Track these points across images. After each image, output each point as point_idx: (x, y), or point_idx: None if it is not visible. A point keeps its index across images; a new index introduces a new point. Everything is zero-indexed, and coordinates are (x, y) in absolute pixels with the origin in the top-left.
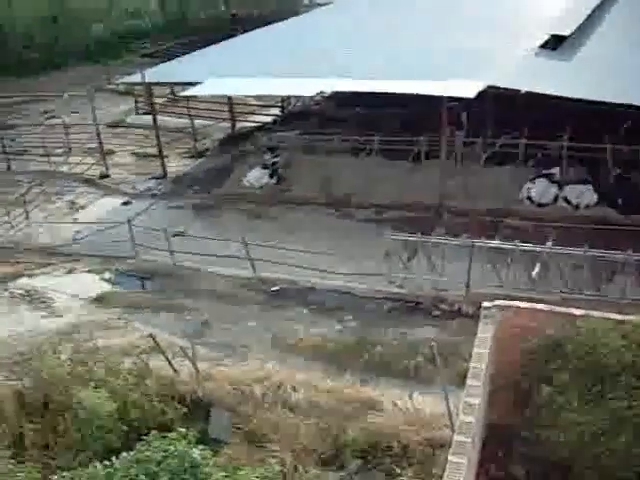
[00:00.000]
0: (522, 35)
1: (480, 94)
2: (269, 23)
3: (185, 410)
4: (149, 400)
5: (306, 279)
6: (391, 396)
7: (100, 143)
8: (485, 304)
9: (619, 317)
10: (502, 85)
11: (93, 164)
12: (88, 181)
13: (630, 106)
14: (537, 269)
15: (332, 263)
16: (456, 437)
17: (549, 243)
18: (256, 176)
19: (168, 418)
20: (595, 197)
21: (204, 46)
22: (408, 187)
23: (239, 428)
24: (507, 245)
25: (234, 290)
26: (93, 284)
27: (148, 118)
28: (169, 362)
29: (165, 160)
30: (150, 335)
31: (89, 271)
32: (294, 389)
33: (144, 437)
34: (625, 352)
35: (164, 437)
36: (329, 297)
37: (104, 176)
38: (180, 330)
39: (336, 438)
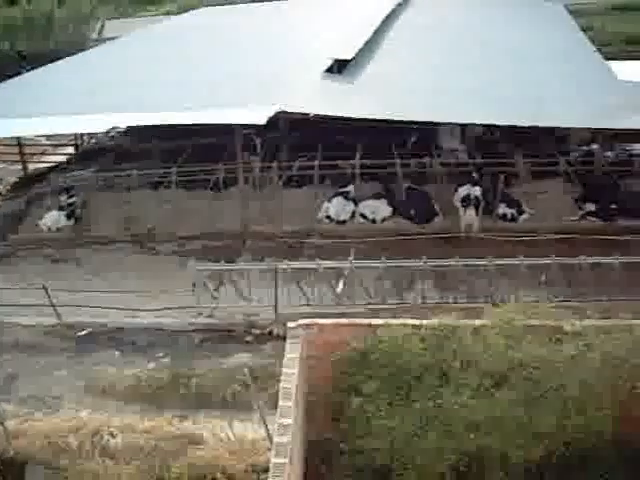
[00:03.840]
0: (308, 61)
1: (273, 119)
2: (57, 59)
3: None
4: None
5: (115, 320)
6: (211, 427)
7: None
8: (289, 324)
9: (417, 322)
10: (291, 110)
11: None
12: None
13: (414, 122)
14: (341, 284)
15: (140, 300)
16: (273, 459)
17: (351, 258)
18: (52, 218)
19: None
20: (389, 210)
21: None
22: (211, 216)
23: None
24: (310, 264)
25: (39, 339)
26: None
27: None
28: None
29: None
30: None
31: None
32: (112, 434)
33: None
34: (425, 354)
35: None
36: (140, 336)
37: None
38: None
39: (160, 478)
